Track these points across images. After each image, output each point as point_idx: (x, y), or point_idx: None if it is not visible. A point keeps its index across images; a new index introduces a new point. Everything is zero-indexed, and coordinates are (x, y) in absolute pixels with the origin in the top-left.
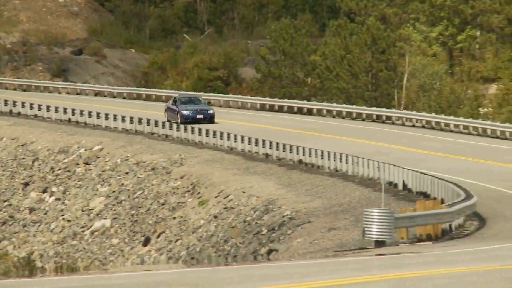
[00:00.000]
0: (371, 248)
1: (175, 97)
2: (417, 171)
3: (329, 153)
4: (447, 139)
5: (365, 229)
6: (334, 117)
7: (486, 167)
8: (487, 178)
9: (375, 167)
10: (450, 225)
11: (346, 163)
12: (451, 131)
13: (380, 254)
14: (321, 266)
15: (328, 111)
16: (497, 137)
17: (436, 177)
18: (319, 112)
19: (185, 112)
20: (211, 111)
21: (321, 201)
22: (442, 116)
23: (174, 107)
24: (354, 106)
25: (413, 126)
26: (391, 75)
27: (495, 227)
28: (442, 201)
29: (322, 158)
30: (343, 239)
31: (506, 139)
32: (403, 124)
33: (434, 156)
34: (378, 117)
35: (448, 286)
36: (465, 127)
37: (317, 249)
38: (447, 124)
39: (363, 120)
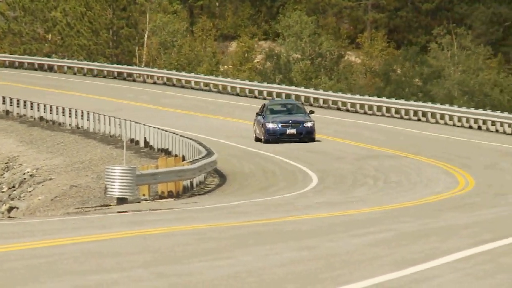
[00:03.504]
0: (113, 205)
1: (264, 104)
2: (158, 128)
3: (70, 110)
4: (188, 96)
5: (107, 186)
6: (75, 74)
7: (226, 124)
8: (227, 135)
9: (117, 124)
10: (191, 182)
11: (88, 120)
12: (192, 88)
13: (122, 211)
14: (63, 223)
15: (69, 68)
16: (237, 94)
17: (178, 134)
18: (60, 69)
19: (270, 125)
20: (308, 124)
21: (63, 158)
22: (183, 73)
23: (261, 119)
24: (95, 63)
25: (155, 83)
26: (132, 32)
27: (235, 184)
28: (184, 158)
29: (63, 115)
30: (85, 196)
31: (246, 96)
32: (144, 82)
33: (176, 113)
34: (120, 74)
35: (189, 243)
36: (206, 84)
37: (58, 207)
38: (188, 81)
39: (104, 77)
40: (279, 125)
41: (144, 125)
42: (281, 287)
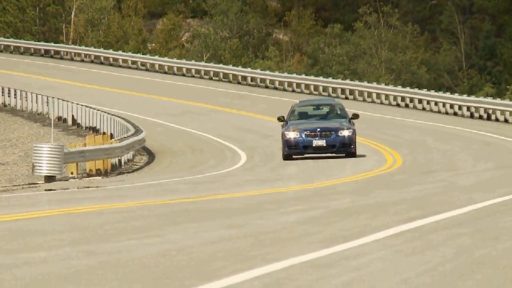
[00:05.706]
0: (40, 183)
1: (292, 106)
2: (86, 106)
3: None
4: (116, 74)
5: (35, 164)
6: (1, 51)
7: (153, 101)
8: (155, 112)
9: (44, 102)
10: (119, 160)
11: (15, 97)
12: (120, 66)
13: (49, 189)
14: None
15: None
16: (165, 72)
17: (106, 112)
18: None
19: (290, 135)
20: (345, 133)
21: None
22: (111, 51)
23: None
24: (22, 41)
25: (82, 61)
26: (59, 10)
27: (164, 162)
28: (112, 136)
29: None
30: (13, 174)
31: (174, 74)
32: (72, 59)
33: (103, 90)
34: (47, 51)
35: (118, 221)
36: (133, 62)
37: None
38: (115, 59)
39: (31, 54)
40: (303, 135)
41: (72, 102)
42: (210, 265)
